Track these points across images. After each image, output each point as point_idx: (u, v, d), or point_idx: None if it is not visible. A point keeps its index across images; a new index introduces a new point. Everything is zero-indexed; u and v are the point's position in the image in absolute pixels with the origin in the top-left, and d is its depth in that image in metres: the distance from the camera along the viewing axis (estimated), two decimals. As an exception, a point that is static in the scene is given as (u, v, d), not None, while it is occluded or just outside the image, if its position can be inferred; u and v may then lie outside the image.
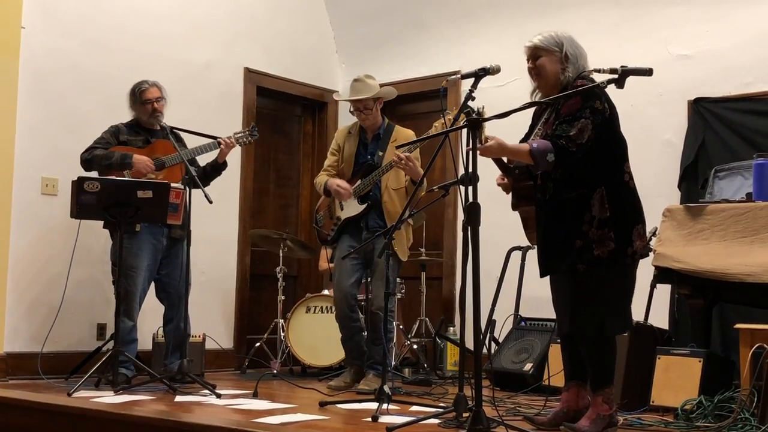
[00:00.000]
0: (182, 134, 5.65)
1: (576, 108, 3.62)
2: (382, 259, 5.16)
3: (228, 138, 5.54)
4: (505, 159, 3.88)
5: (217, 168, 5.64)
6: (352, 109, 5.42)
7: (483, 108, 3.60)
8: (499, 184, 3.98)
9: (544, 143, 3.60)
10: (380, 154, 5.33)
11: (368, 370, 5.28)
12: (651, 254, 4.83)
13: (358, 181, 5.32)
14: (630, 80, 3.50)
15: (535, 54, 3.79)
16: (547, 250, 3.79)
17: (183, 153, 5.34)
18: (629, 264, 3.68)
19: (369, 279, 5.34)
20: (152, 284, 5.56)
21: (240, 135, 5.65)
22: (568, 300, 3.75)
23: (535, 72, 3.81)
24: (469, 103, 3.67)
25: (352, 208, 5.33)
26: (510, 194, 3.96)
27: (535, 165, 3.62)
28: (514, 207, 3.97)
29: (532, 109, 3.93)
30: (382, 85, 5.52)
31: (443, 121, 5.01)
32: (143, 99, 5.50)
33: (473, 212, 3.39)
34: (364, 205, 5.29)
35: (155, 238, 5.45)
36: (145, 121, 5.54)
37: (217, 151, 5.54)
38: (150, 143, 5.52)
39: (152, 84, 5.54)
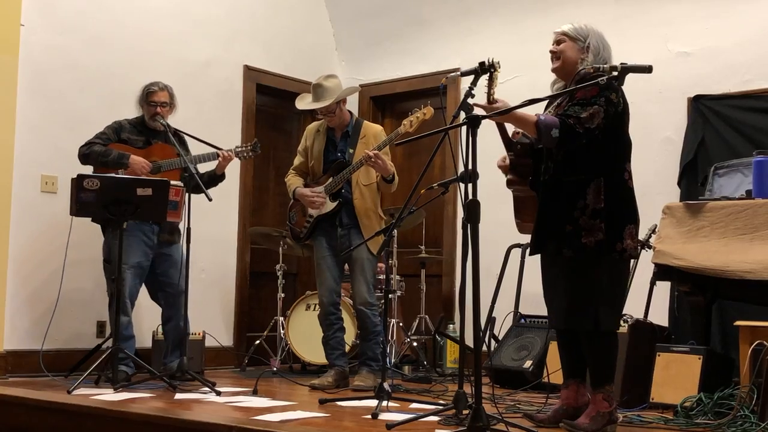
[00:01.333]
0: (185, 138, 5.65)
1: (592, 94, 3.64)
2: (359, 256, 5.20)
3: (228, 151, 5.52)
4: (509, 131, 3.89)
5: (214, 179, 5.62)
6: (317, 113, 5.44)
7: (498, 63, 3.63)
8: (499, 166, 3.98)
9: (552, 118, 3.63)
10: (350, 151, 5.33)
11: (361, 367, 5.28)
12: (651, 251, 4.84)
13: (330, 179, 5.32)
14: (630, 77, 3.50)
15: (560, 39, 3.84)
16: (540, 230, 3.81)
17: (180, 160, 5.32)
18: (617, 260, 3.68)
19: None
20: (150, 284, 5.57)
21: (241, 150, 5.62)
22: (560, 294, 3.75)
23: (556, 56, 3.84)
24: (484, 59, 3.72)
25: (324, 206, 5.33)
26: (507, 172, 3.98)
27: (538, 137, 3.64)
28: (510, 183, 3.97)
29: (542, 104, 3.93)
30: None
31: (412, 118, 5.02)
32: (149, 100, 5.49)
33: (473, 210, 3.39)
34: (336, 203, 5.30)
35: (145, 236, 5.43)
36: (147, 120, 5.54)
37: (216, 161, 5.53)
38: (150, 145, 5.51)
39: (163, 88, 5.53)
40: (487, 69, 3.64)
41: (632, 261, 3.95)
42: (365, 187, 5.30)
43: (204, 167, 5.64)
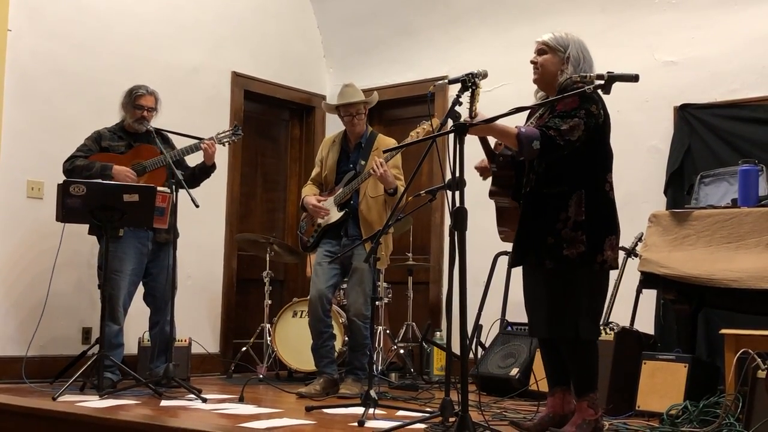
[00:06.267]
0: (169, 135, 5.65)
1: (572, 107, 3.64)
2: (359, 267, 5.21)
3: (209, 139, 5.51)
4: (491, 143, 3.90)
5: (205, 170, 5.64)
6: (342, 114, 5.43)
7: (482, 74, 3.64)
8: (476, 167, 3.99)
9: (532, 130, 3.63)
10: (362, 162, 5.36)
11: (348, 376, 5.28)
12: (637, 259, 4.85)
13: (340, 189, 5.34)
14: (616, 86, 3.51)
15: (541, 49, 3.84)
16: (521, 242, 3.81)
17: (165, 156, 5.32)
18: (597, 271, 3.69)
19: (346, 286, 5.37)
20: (141, 288, 5.55)
21: (223, 135, 5.64)
22: (541, 303, 3.76)
23: (536, 66, 3.85)
24: (474, 70, 3.71)
25: (331, 215, 5.36)
26: (490, 181, 3.98)
27: (519, 150, 3.64)
28: (492, 194, 3.98)
29: (525, 111, 3.94)
30: (366, 91, 5.56)
31: (419, 130, 5.03)
32: (136, 103, 5.48)
33: (460, 217, 3.39)
34: (342, 212, 5.31)
35: (141, 242, 5.43)
36: (129, 123, 5.52)
37: (201, 151, 5.53)
38: (133, 147, 5.50)
39: (151, 92, 5.53)
40: (468, 86, 3.63)
41: (615, 270, 3.96)
42: (372, 199, 5.31)
43: (193, 160, 5.63)
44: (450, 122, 3.62)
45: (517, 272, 4.00)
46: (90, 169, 5.30)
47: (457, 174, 3.46)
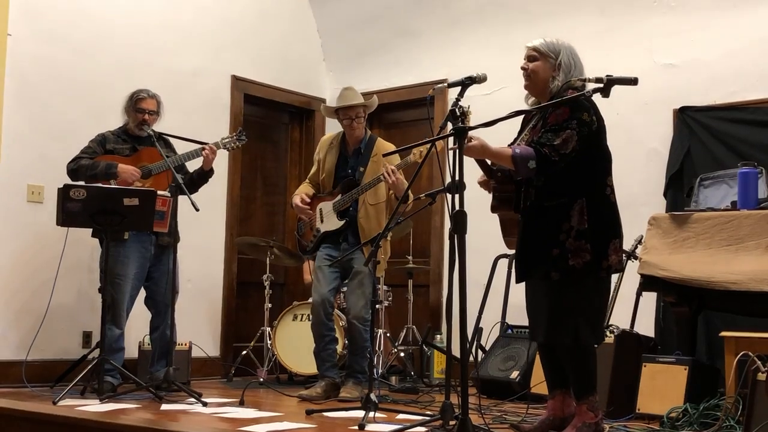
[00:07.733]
0: (171, 139, 5.66)
1: (563, 118, 3.64)
2: (359, 270, 5.19)
3: (213, 144, 5.53)
4: (488, 161, 3.90)
5: (203, 175, 5.63)
6: (342, 117, 5.40)
7: (468, 108, 3.63)
8: (479, 182, 3.99)
9: (527, 149, 3.62)
10: (361, 169, 5.32)
11: (348, 379, 5.27)
12: (637, 262, 4.86)
13: (338, 196, 5.32)
14: (615, 89, 3.52)
15: (532, 55, 3.82)
16: (524, 257, 3.81)
17: (169, 160, 5.34)
18: (603, 277, 3.70)
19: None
20: (142, 291, 5.56)
21: (227, 140, 5.65)
22: (542, 309, 3.76)
23: (527, 73, 3.84)
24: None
25: (331, 223, 5.33)
26: (491, 195, 3.98)
27: (516, 170, 3.64)
28: (494, 209, 3.98)
29: (521, 116, 3.94)
30: (367, 94, 5.55)
31: (422, 149, 4.93)
32: (137, 107, 5.49)
33: (460, 220, 3.40)
34: (343, 221, 5.29)
35: (143, 246, 5.44)
36: (131, 127, 5.54)
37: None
38: (137, 151, 5.51)
39: (152, 96, 5.54)
40: (458, 116, 3.62)
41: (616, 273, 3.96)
42: (372, 206, 5.28)
43: (193, 165, 5.64)
44: (449, 125, 3.62)
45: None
46: (94, 168, 5.30)
47: (457, 177, 3.46)
